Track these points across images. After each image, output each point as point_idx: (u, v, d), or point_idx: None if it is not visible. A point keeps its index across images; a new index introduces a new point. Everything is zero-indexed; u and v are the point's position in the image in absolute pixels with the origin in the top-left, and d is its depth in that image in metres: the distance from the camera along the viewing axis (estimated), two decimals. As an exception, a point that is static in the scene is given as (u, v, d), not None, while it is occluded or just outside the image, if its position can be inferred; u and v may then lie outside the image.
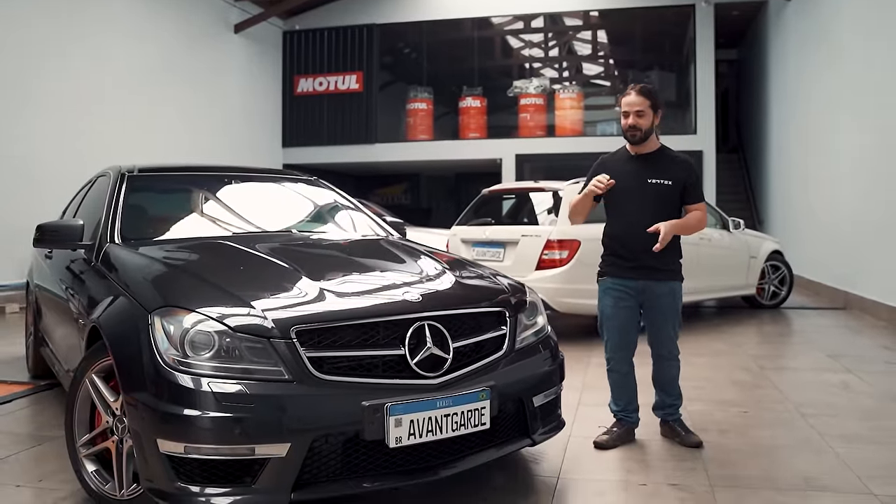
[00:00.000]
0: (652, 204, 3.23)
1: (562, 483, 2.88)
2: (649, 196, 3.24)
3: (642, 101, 3.23)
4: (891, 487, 2.78)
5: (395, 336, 2.42)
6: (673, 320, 3.32)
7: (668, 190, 3.24)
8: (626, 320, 3.33)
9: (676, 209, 3.29)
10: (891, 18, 6.85)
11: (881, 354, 5.47)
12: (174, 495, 2.23)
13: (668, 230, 3.13)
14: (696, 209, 3.30)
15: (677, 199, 3.28)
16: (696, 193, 3.30)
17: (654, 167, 3.28)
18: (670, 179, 3.25)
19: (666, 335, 3.32)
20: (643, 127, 3.23)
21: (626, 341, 3.35)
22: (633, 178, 3.28)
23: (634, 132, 3.24)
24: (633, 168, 3.31)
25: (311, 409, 2.25)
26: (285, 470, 2.21)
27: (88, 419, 2.70)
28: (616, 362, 3.38)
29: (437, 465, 2.45)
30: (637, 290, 3.28)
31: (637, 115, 3.22)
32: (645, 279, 3.25)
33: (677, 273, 3.33)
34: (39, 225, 3.40)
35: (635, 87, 3.28)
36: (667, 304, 3.29)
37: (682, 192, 3.28)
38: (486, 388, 2.49)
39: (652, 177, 3.25)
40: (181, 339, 2.29)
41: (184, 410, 2.19)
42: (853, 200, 7.90)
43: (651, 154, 3.32)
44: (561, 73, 16.31)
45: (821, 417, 3.76)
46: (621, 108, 3.29)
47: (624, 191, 3.27)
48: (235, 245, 3.14)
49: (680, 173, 3.27)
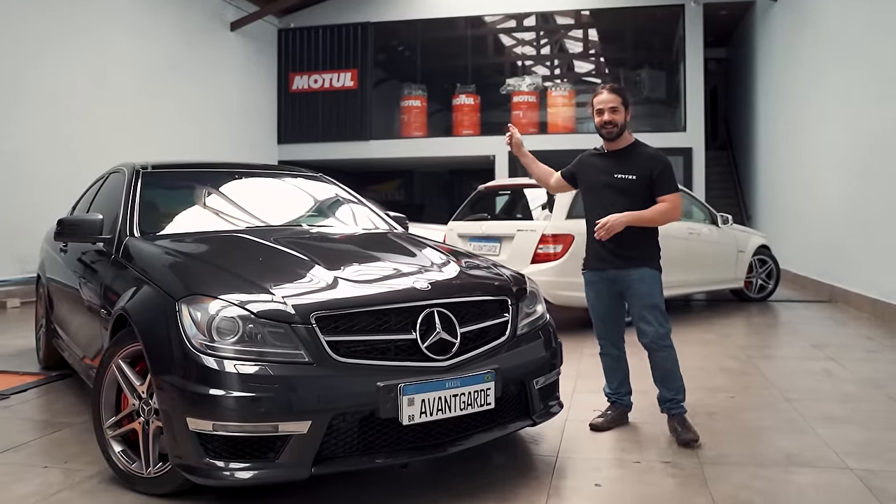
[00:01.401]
0: (618, 198, 3.37)
1: (560, 461, 3.06)
2: (616, 190, 3.39)
3: (614, 97, 3.38)
4: (866, 462, 2.99)
5: (406, 322, 2.60)
6: (649, 306, 3.36)
7: (632, 184, 3.37)
8: (607, 308, 3.52)
9: (647, 202, 3.38)
10: (876, 17, 7.08)
11: (863, 344, 5.69)
12: (203, 470, 2.39)
13: (614, 221, 3.27)
14: (663, 200, 3.37)
15: (646, 192, 3.38)
16: (663, 185, 3.37)
17: (622, 162, 3.42)
18: (635, 174, 3.38)
19: (645, 323, 3.37)
20: (618, 122, 3.38)
21: (610, 328, 3.54)
22: (602, 174, 3.45)
23: (611, 128, 3.39)
24: (604, 164, 3.48)
25: (330, 390, 2.42)
26: (306, 446, 2.38)
27: (115, 402, 2.86)
28: (605, 347, 3.60)
29: (446, 442, 2.63)
30: (610, 280, 3.45)
31: (612, 111, 3.37)
32: (615, 268, 3.41)
33: (647, 260, 3.40)
34: (60, 219, 3.56)
35: (606, 87, 3.44)
36: (639, 291, 3.36)
37: (650, 185, 3.38)
38: (492, 371, 2.66)
39: (618, 172, 3.41)
40: (208, 324, 2.45)
41: (212, 391, 2.36)
42: (839, 197, 8.13)
43: (622, 150, 3.46)
44: (552, 70, 16.51)
45: (804, 401, 3.96)
46: (594, 107, 3.44)
47: (594, 186, 3.49)
48: (251, 237, 3.31)
49: (646, 167, 3.38)
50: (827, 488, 2.75)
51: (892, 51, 6.56)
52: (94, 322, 3.41)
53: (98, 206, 4.20)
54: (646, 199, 3.39)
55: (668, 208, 3.37)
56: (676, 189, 3.45)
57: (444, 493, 2.71)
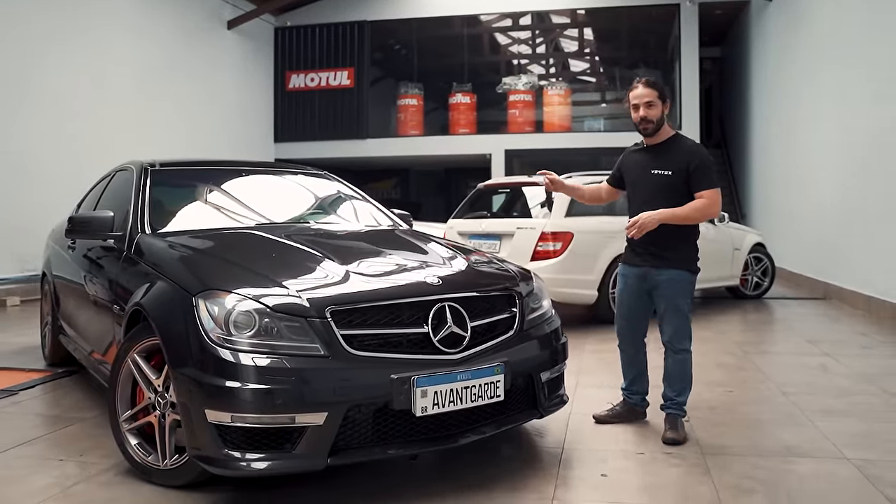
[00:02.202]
0: (655, 193, 3.31)
1: (566, 453, 3.13)
2: (652, 186, 3.33)
3: (650, 92, 3.31)
4: (862, 452, 3.07)
5: (418, 316, 2.66)
6: (673, 310, 3.32)
7: (668, 180, 3.29)
8: (632, 303, 3.45)
9: (685, 198, 3.28)
10: (873, 16, 7.18)
11: (857, 340, 5.79)
12: (221, 461, 2.45)
13: (646, 219, 3.21)
14: (700, 196, 3.25)
15: (683, 187, 3.28)
16: (700, 180, 3.26)
17: (660, 157, 3.35)
18: (671, 169, 3.29)
19: (668, 324, 3.34)
20: (654, 118, 3.31)
21: (631, 324, 3.48)
22: (640, 169, 3.41)
23: (647, 124, 3.32)
24: (643, 158, 3.42)
25: (345, 382, 2.48)
26: (322, 437, 2.44)
27: (130, 396, 2.91)
28: (622, 342, 3.54)
29: (456, 433, 2.69)
30: (640, 277, 3.39)
31: (647, 106, 3.29)
32: (647, 266, 3.36)
33: (681, 262, 3.35)
34: (71, 217, 3.61)
35: (641, 80, 3.35)
36: (666, 292, 3.32)
37: (688, 180, 3.28)
38: (501, 364, 2.73)
39: (655, 167, 3.34)
40: (225, 319, 2.51)
41: (231, 383, 2.41)
42: (834, 195, 8.24)
43: (661, 144, 3.39)
44: (548, 69, 16.59)
45: (800, 395, 4.05)
46: (630, 102, 3.35)
47: (633, 181, 3.45)
48: (261, 234, 3.36)
49: (683, 161, 3.28)
50: (826, 477, 2.83)
51: (888, 50, 6.65)
52: (105, 317, 3.47)
53: (105, 203, 4.25)
54: (683, 194, 3.28)
55: (704, 205, 3.24)
56: (715, 185, 3.30)
57: (454, 483, 2.77)
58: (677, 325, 3.35)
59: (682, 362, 3.39)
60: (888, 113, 6.63)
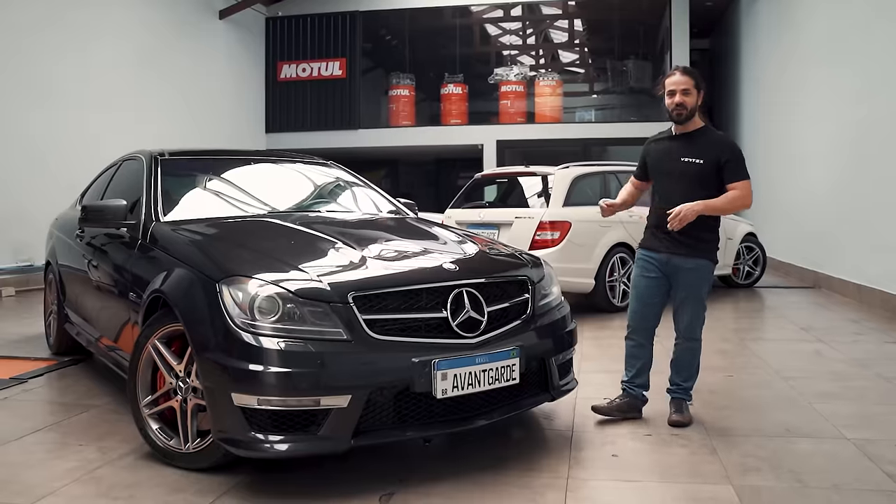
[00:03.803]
0: (684, 182, 3.31)
1: (576, 435, 3.23)
2: (681, 174, 3.33)
3: (687, 80, 3.31)
4: (861, 432, 3.19)
5: (437, 301, 2.73)
6: (694, 299, 3.34)
7: (699, 169, 3.29)
8: (649, 291, 3.41)
9: (714, 188, 3.30)
10: (861, 9, 7.29)
11: (849, 327, 5.93)
12: (247, 443, 2.51)
13: (687, 211, 3.20)
14: (733, 188, 3.28)
15: (713, 177, 3.30)
16: (733, 171, 3.28)
17: (691, 146, 3.35)
18: (702, 158, 3.29)
19: (685, 313, 3.36)
20: (689, 105, 3.30)
21: (644, 312, 3.44)
22: (669, 157, 3.39)
23: (681, 110, 3.30)
24: (672, 147, 3.41)
25: (368, 365, 2.56)
26: (346, 419, 2.50)
27: (150, 381, 2.96)
28: (633, 331, 3.48)
29: (473, 415, 2.77)
30: (662, 263, 3.36)
31: (683, 93, 3.28)
32: (670, 253, 3.34)
33: (707, 251, 3.36)
34: (84, 205, 3.65)
35: (679, 68, 3.38)
36: (689, 280, 3.33)
37: (719, 171, 3.29)
38: (517, 347, 2.81)
39: (686, 156, 3.33)
40: (250, 304, 2.56)
41: (257, 367, 2.47)
42: (824, 186, 8.38)
43: (691, 133, 3.38)
44: (538, 60, 16.65)
45: (798, 380, 4.16)
46: (665, 88, 3.35)
47: (661, 169, 3.44)
48: (275, 221, 3.41)
49: (714, 152, 3.30)
50: (828, 456, 2.94)
51: (878, 42, 6.77)
52: (117, 304, 3.51)
53: (113, 192, 4.27)
54: (712, 184, 3.31)
55: (738, 196, 3.28)
56: (747, 176, 3.33)
57: (468, 465, 2.85)
58: (695, 314, 3.38)
59: (694, 351, 3.44)
60: (878, 104, 6.76)
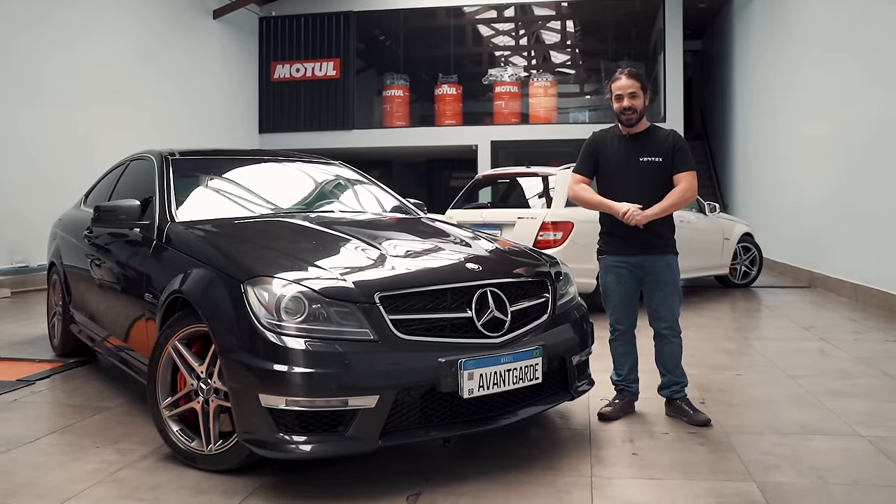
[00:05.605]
0: (645, 182, 3.38)
1: (594, 434, 3.24)
2: (641, 174, 3.39)
3: (633, 83, 3.36)
4: (875, 430, 3.23)
5: (461, 301, 2.74)
6: (672, 294, 3.43)
7: (659, 166, 3.38)
8: (628, 293, 3.49)
9: (669, 183, 3.40)
10: (855, 9, 7.38)
11: (848, 326, 6.00)
12: (274, 444, 2.50)
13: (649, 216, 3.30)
14: (680, 178, 3.37)
15: (669, 174, 3.39)
16: (681, 161, 3.38)
17: (645, 146, 3.42)
18: (660, 155, 3.38)
19: (666, 309, 3.43)
20: (638, 108, 3.36)
21: (628, 313, 3.52)
22: (626, 157, 3.44)
23: (631, 115, 3.37)
24: (626, 148, 3.45)
25: (395, 365, 2.55)
26: (374, 419, 2.50)
27: (171, 383, 2.94)
28: (620, 334, 3.56)
29: (497, 415, 2.78)
30: (636, 265, 3.44)
31: (630, 97, 3.35)
32: (642, 254, 3.41)
33: (673, 246, 3.47)
34: (97, 206, 3.61)
35: (624, 72, 3.41)
36: (666, 278, 3.42)
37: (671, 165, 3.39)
38: (539, 347, 2.82)
39: (643, 155, 3.40)
40: (276, 305, 2.55)
41: (285, 368, 2.46)
42: (818, 186, 8.47)
43: (641, 133, 3.45)
44: (530, 61, 16.70)
45: (805, 378, 4.21)
46: (612, 93, 3.41)
47: (618, 171, 3.46)
48: (291, 221, 3.40)
49: (668, 147, 3.39)
50: (844, 453, 2.98)
51: (872, 43, 6.85)
52: (128, 305, 3.50)
53: (122, 193, 4.23)
54: (669, 181, 3.40)
55: (685, 189, 3.36)
56: (694, 167, 3.44)
57: (489, 464, 2.85)
58: (676, 309, 3.46)
59: (680, 346, 3.49)
60: (871, 104, 6.84)
